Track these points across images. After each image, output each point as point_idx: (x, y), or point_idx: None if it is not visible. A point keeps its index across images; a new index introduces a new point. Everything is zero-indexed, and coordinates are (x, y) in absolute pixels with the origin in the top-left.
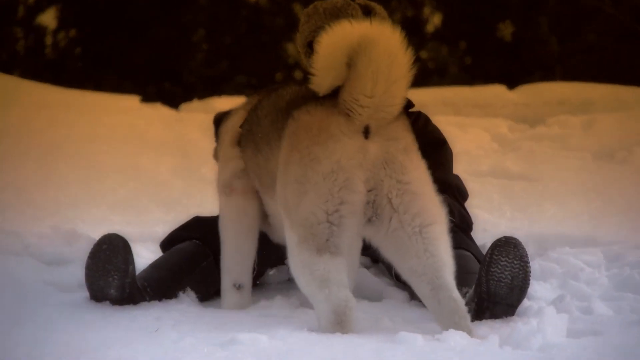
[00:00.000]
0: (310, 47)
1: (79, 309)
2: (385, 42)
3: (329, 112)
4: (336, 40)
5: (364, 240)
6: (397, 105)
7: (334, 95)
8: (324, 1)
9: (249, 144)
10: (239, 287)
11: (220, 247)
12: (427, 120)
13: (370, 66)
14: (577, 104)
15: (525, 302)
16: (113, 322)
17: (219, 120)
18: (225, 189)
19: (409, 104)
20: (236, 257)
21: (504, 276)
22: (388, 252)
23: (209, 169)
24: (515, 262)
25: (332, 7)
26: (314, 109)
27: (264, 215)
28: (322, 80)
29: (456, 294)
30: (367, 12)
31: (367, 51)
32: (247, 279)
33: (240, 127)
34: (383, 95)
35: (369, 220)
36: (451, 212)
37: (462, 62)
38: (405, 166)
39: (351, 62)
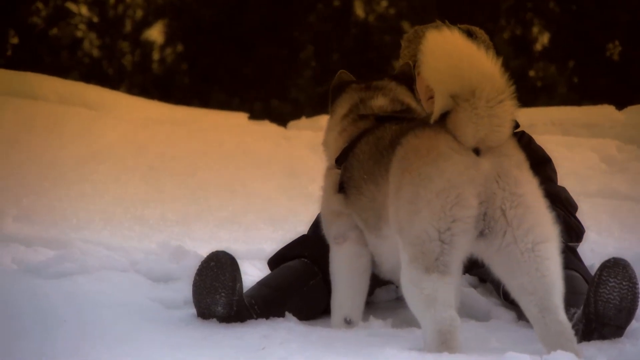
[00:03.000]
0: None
1: (186, 326)
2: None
3: (437, 132)
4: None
5: (471, 260)
6: (506, 130)
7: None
8: (424, 26)
9: (350, 189)
10: (349, 322)
11: (332, 283)
12: (530, 139)
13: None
14: None
15: (634, 324)
16: (220, 340)
17: (336, 90)
18: (338, 239)
19: (515, 125)
20: (349, 294)
21: (612, 297)
22: (498, 269)
23: (316, 187)
24: (624, 283)
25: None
26: (421, 132)
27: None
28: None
29: (563, 316)
30: (469, 36)
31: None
32: (357, 314)
33: (339, 165)
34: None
35: (482, 234)
36: (562, 228)
37: (570, 81)
38: (518, 179)
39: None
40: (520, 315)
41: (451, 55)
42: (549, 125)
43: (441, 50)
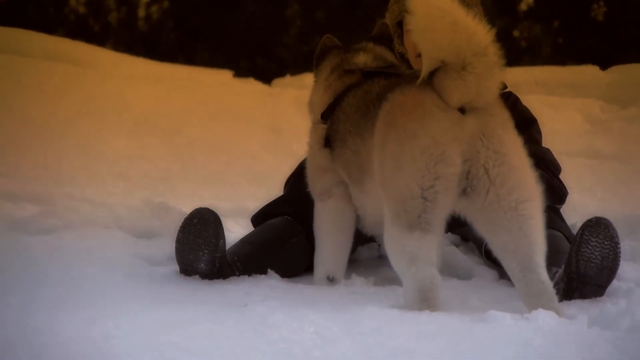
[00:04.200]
0: (400, 26)
1: (169, 282)
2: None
3: (423, 90)
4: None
5: (454, 218)
6: (492, 92)
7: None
8: None
9: (336, 142)
10: (332, 279)
11: (315, 239)
12: (516, 99)
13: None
14: None
15: (615, 283)
16: (202, 297)
17: (320, 57)
18: (322, 195)
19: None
20: (332, 251)
21: (594, 257)
22: (481, 227)
23: (301, 145)
24: (606, 242)
25: None
26: (408, 89)
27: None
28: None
29: (545, 276)
30: None
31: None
32: (340, 272)
33: (324, 121)
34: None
35: (465, 192)
36: (545, 189)
37: (555, 41)
38: (503, 139)
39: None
40: (502, 274)
41: (437, 16)
42: (533, 85)
43: (427, 10)
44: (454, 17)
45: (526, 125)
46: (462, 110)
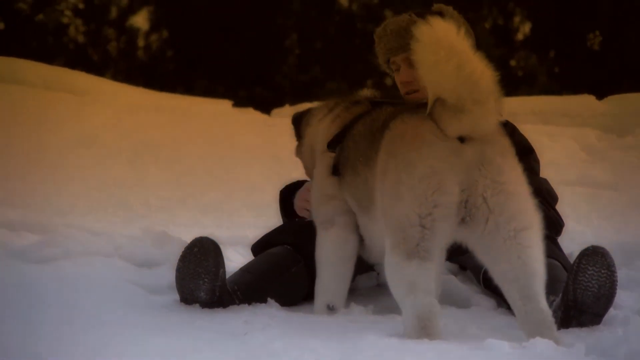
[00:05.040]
0: (389, 63)
1: (169, 311)
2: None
3: (422, 119)
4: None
5: (452, 247)
6: (490, 127)
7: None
8: (393, 19)
9: (346, 170)
10: (332, 308)
11: (317, 268)
12: (514, 129)
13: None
14: None
15: (612, 311)
16: (202, 325)
17: (298, 119)
18: (325, 224)
19: None
20: (332, 280)
21: (591, 285)
22: (481, 255)
23: (300, 175)
24: (603, 271)
25: (398, 27)
26: (409, 118)
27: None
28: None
29: (544, 304)
30: (440, 16)
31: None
32: (340, 300)
33: (332, 149)
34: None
35: (463, 221)
36: (543, 221)
37: (551, 71)
38: (501, 167)
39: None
40: (500, 303)
41: (443, 57)
42: (529, 114)
43: (434, 49)
44: (460, 60)
45: (524, 154)
46: (460, 139)
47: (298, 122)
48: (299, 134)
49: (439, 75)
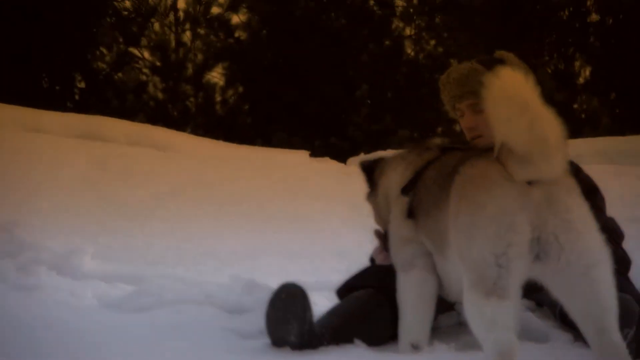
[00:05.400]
0: (454, 109)
1: (261, 355)
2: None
3: (491, 162)
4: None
5: (528, 285)
6: (558, 173)
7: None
8: (455, 67)
9: (420, 212)
10: (416, 346)
11: (399, 309)
12: (578, 169)
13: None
14: None
15: None
16: None
17: (368, 167)
18: (405, 266)
19: None
20: (415, 320)
21: None
22: (555, 291)
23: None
24: None
25: (460, 75)
26: (477, 161)
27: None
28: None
29: (617, 337)
30: (500, 63)
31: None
32: (424, 339)
33: (405, 194)
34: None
35: (538, 258)
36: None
37: (613, 112)
38: (569, 205)
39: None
40: (577, 337)
41: (515, 112)
42: (594, 155)
43: (507, 103)
44: (532, 117)
45: (589, 193)
46: (528, 181)
47: (368, 169)
48: (370, 181)
49: (511, 130)
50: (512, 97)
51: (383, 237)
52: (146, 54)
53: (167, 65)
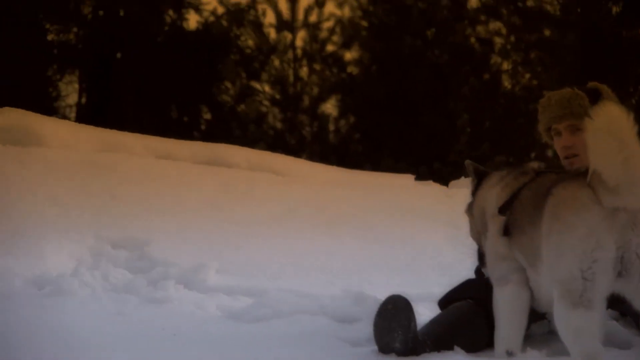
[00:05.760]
0: (549, 131)
1: None
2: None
3: (582, 186)
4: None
5: (613, 297)
6: None
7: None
8: (556, 92)
9: (515, 230)
10: (510, 353)
11: (495, 319)
12: None
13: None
14: None
15: None
16: None
17: (476, 170)
18: (500, 281)
19: None
20: (510, 329)
21: None
22: (637, 304)
23: None
24: None
25: (561, 98)
26: (569, 184)
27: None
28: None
29: None
30: (597, 95)
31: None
32: (517, 346)
33: (502, 213)
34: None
35: (620, 275)
36: None
37: None
38: None
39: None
40: None
41: (613, 148)
42: None
43: (606, 138)
44: (628, 154)
45: None
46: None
47: (477, 174)
48: (475, 184)
49: (607, 163)
50: (613, 132)
51: (478, 253)
52: (266, 88)
53: (285, 97)
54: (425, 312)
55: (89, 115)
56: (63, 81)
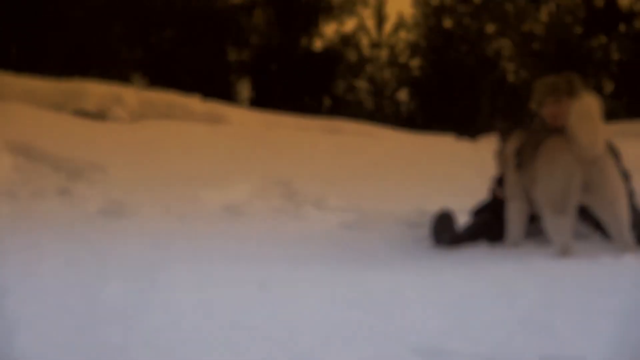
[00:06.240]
0: (540, 103)
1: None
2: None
3: (563, 141)
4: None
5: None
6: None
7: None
8: (544, 77)
9: (521, 167)
10: (514, 243)
11: (505, 222)
12: (613, 149)
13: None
14: None
15: None
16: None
17: (503, 128)
18: (511, 197)
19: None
20: (515, 229)
21: None
22: (595, 210)
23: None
24: None
25: (548, 81)
26: (555, 140)
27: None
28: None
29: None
30: (570, 81)
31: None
32: (520, 239)
33: (517, 155)
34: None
35: (585, 191)
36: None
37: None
38: (601, 167)
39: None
40: (599, 230)
41: (585, 119)
42: None
43: (580, 115)
44: (595, 127)
45: (626, 177)
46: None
47: (502, 130)
48: (500, 141)
49: (581, 131)
50: (588, 112)
51: (498, 181)
52: (363, 84)
53: (375, 89)
54: (462, 219)
55: (257, 105)
56: (239, 83)
